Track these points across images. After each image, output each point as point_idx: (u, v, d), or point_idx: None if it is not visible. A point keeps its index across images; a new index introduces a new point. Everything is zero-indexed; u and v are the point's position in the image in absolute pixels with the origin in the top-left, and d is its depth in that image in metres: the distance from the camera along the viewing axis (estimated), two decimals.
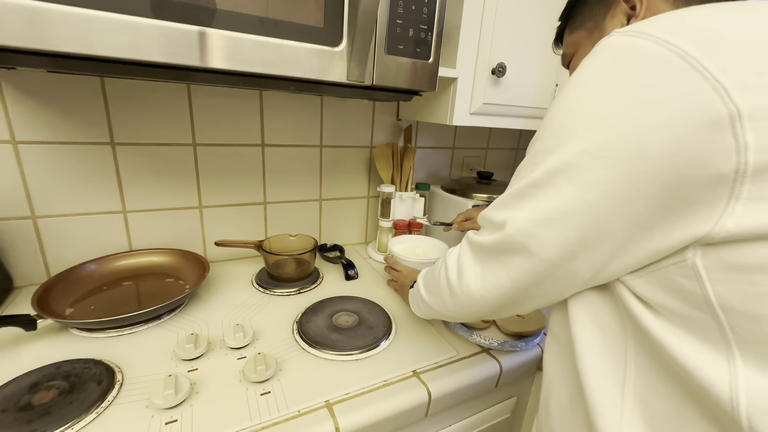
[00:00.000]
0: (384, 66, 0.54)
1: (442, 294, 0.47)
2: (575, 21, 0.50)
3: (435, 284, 0.49)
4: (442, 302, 0.47)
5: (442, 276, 0.46)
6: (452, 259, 0.45)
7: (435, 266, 0.52)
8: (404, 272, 0.73)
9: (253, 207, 0.90)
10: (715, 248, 0.27)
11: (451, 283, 0.44)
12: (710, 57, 0.26)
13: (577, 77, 0.33)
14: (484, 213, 0.41)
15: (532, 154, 0.36)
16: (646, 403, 0.31)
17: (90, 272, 0.71)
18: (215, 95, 0.78)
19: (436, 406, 0.55)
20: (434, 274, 0.50)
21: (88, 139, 0.70)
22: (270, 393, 0.51)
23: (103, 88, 0.69)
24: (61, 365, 0.51)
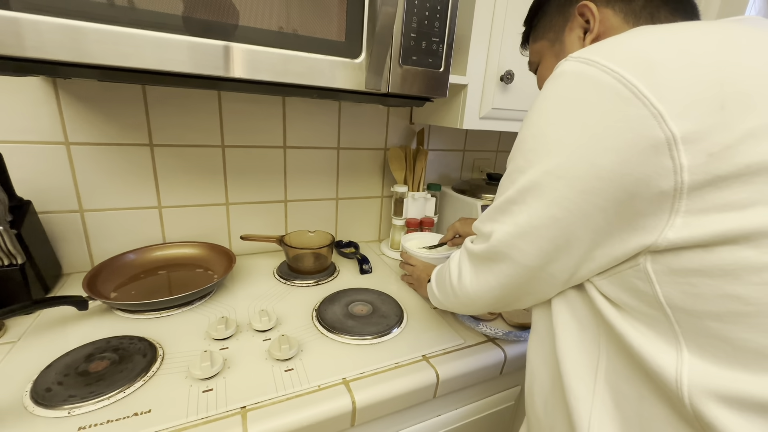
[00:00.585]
0: (398, 75, 0.59)
1: (447, 293, 0.52)
2: (537, 29, 0.53)
3: (443, 283, 0.54)
4: (449, 299, 0.53)
5: (447, 277, 0.52)
6: (454, 263, 0.51)
7: (444, 267, 0.57)
8: (419, 267, 0.78)
9: (275, 204, 0.97)
10: (662, 255, 0.31)
11: (453, 285, 0.50)
12: (647, 84, 0.29)
13: (540, 102, 0.36)
14: (476, 224, 0.46)
15: (508, 172, 0.40)
16: (614, 387, 0.36)
17: (130, 261, 0.78)
18: (243, 101, 0.85)
19: (444, 388, 0.60)
20: (443, 275, 0.56)
21: (130, 140, 0.78)
22: (293, 370, 0.56)
23: (144, 95, 0.77)
24: (111, 340, 0.58)
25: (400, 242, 1.02)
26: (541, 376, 0.43)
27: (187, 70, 0.49)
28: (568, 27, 0.47)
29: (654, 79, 0.29)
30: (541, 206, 0.35)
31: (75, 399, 0.47)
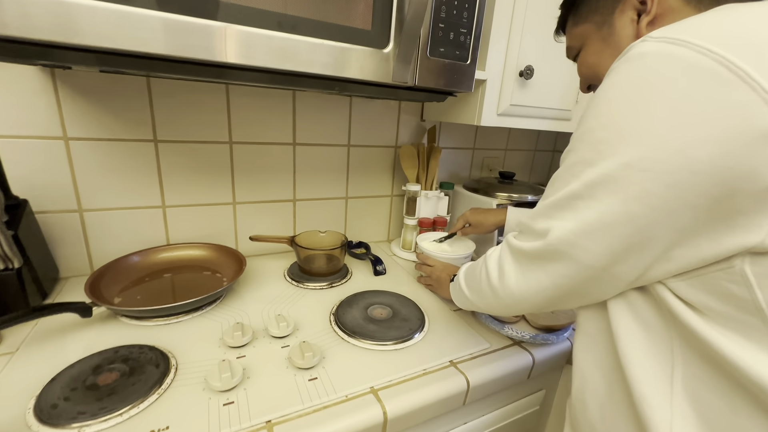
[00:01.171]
0: (426, 68, 0.57)
1: (484, 294, 0.49)
2: (580, 12, 0.49)
3: (476, 284, 0.51)
4: (485, 301, 0.50)
5: (483, 277, 0.48)
6: (493, 261, 0.47)
7: (475, 266, 0.54)
8: (438, 267, 0.75)
9: (283, 204, 0.93)
10: (765, 257, 0.28)
11: (493, 285, 0.46)
12: (755, 66, 0.26)
13: (611, 88, 0.33)
14: (524, 220, 0.43)
15: (568, 165, 0.37)
16: (697, 397, 0.32)
17: (134, 264, 0.74)
18: (251, 95, 0.81)
19: (474, 395, 0.57)
20: (475, 274, 0.52)
21: (133, 136, 0.73)
22: (317, 379, 0.53)
23: (148, 88, 0.72)
24: (119, 350, 0.54)
25: (412, 242, 0.99)
26: (595, 382, 0.41)
27: (202, 57, 0.45)
28: (618, 8, 0.44)
29: (760, 62, 0.26)
30: (616, 202, 0.32)
31: (85, 416, 0.43)
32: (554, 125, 0.92)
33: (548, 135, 1.32)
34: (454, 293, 0.61)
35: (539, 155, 1.34)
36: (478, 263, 0.53)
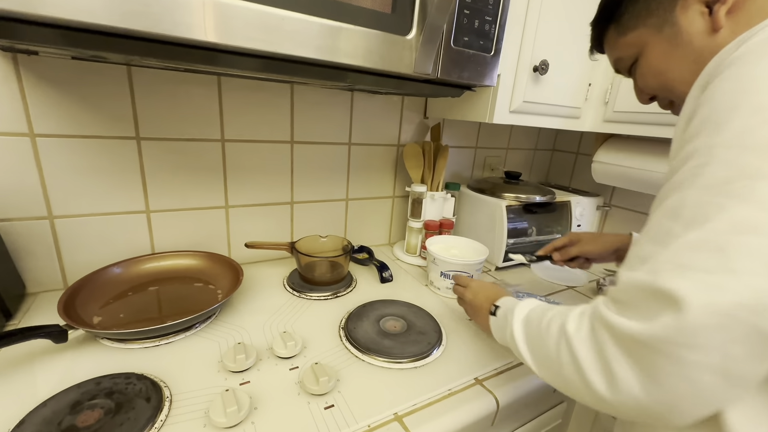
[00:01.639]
0: (449, 58, 0.51)
1: (568, 381, 0.34)
2: (624, 21, 0.46)
3: (545, 354, 0.38)
4: (563, 382, 0.35)
5: (564, 354, 0.34)
6: (582, 342, 0.32)
7: (539, 322, 0.40)
8: (473, 287, 0.61)
9: (280, 207, 0.86)
10: None
11: (590, 381, 0.31)
12: None
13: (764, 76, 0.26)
14: (631, 280, 0.29)
15: (713, 183, 0.26)
16: None
17: (114, 277, 0.66)
18: (245, 88, 0.74)
19: (503, 415, 0.53)
20: (542, 337, 0.38)
21: (113, 133, 0.65)
22: (334, 406, 0.47)
23: (129, 79, 0.64)
24: (101, 381, 0.46)
25: (417, 246, 0.94)
26: None
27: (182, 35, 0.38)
28: (679, 5, 0.40)
29: None
30: None
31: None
32: (564, 123, 0.89)
33: (548, 134, 1.30)
34: (498, 331, 0.50)
35: (539, 154, 1.32)
36: (542, 316, 0.40)
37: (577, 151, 1.26)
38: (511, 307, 0.48)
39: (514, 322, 0.45)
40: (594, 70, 0.87)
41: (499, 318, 0.50)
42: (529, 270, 0.95)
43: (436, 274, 0.78)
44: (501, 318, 0.50)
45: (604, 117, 0.90)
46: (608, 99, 0.89)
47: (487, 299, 0.56)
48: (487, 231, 0.94)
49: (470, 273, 0.76)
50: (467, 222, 1.01)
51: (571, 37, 0.79)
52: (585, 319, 0.33)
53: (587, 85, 0.88)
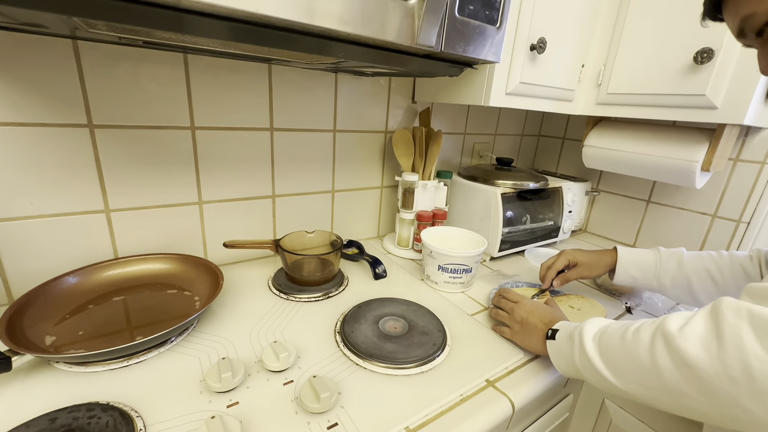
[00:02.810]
0: (454, 29, 0.46)
1: (667, 383, 0.32)
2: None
3: (634, 365, 0.36)
4: (663, 390, 0.33)
5: (662, 357, 0.32)
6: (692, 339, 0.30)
7: (622, 336, 0.38)
8: (526, 305, 0.57)
9: (261, 201, 0.78)
10: None
11: (704, 373, 0.30)
12: None
13: None
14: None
15: None
16: None
17: (70, 287, 0.57)
18: (217, 68, 0.65)
19: (517, 417, 0.50)
20: (628, 349, 0.37)
21: (59, 120, 0.55)
22: (338, 425, 0.42)
23: (76, 56, 0.54)
24: (57, 416, 0.39)
25: (409, 239, 0.89)
26: None
27: None
28: None
29: None
30: None
31: None
32: (557, 106, 0.86)
33: (534, 119, 1.28)
34: (559, 357, 0.47)
35: (526, 140, 1.29)
36: (623, 330, 0.39)
37: (563, 136, 1.25)
38: (576, 328, 0.45)
39: (585, 340, 0.42)
40: (588, 49, 0.84)
41: (560, 341, 0.47)
42: (524, 259, 0.93)
43: (434, 268, 0.73)
44: (564, 340, 0.47)
45: (597, 99, 0.88)
46: (601, 81, 0.86)
47: (543, 321, 0.53)
48: (481, 220, 0.90)
49: (470, 265, 0.72)
50: (460, 211, 0.97)
51: (568, 14, 0.75)
52: (697, 316, 0.31)
53: (581, 66, 0.85)
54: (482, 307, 0.69)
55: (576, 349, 0.43)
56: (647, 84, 0.79)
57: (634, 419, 0.62)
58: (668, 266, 0.64)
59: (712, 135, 0.79)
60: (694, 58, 0.70)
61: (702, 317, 0.32)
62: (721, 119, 0.71)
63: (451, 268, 0.71)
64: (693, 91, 0.72)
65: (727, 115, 0.70)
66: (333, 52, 0.44)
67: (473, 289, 0.76)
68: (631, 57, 0.80)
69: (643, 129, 0.91)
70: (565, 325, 0.49)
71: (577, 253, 0.71)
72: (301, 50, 0.43)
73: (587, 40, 0.82)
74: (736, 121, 0.69)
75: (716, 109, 0.70)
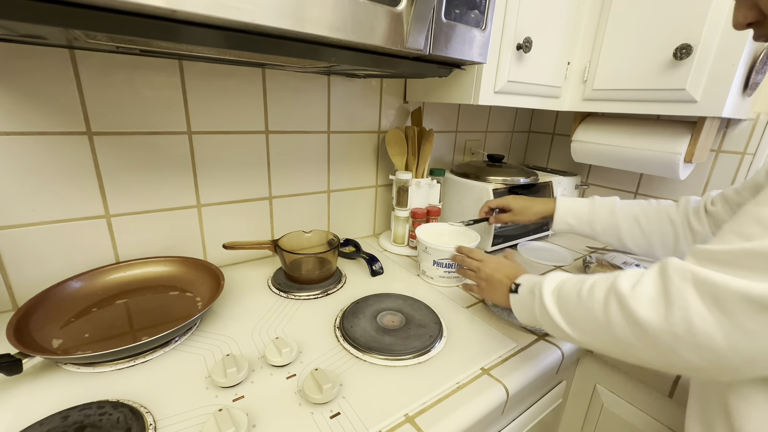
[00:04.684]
0: (442, 32, 0.48)
1: (617, 336, 0.35)
2: None
3: (590, 320, 0.38)
4: (614, 343, 0.36)
5: (615, 314, 0.35)
6: (643, 299, 0.33)
7: (578, 293, 0.40)
8: (490, 263, 0.59)
9: (258, 203, 0.80)
10: None
11: (652, 330, 0.32)
12: None
13: None
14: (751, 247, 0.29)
15: None
16: None
17: (74, 291, 0.58)
18: (212, 74, 0.67)
19: (512, 402, 0.52)
20: (584, 306, 0.39)
21: (58, 128, 0.57)
22: (340, 414, 0.44)
23: (74, 64, 0.56)
24: (69, 414, 0.40)
25: (404, 236, 0.91)
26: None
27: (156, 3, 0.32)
28: None
29: None
30: None
31: None
32: (545, 103, 0.88)
33: (524, 115, 1.30)
34: (522, 310, 0.50)
35: (516, 137, 1.32)
36: (578, 287, 0.40)
37: (553, 132, 1.28)
38: (537, 282, 0.48)
39: (544, 294, 0.45)
40: (573, 47, 0.86)
41: (523, 295, 0.50)
42: (517, 253, 0.95)
43: (429, 264, 0.75)
44: (526, 294, 0.49)
45: (583, 95, 0.90)
46: (587, 77, 0.89)
47: (507, 276, 0.55)
48: (474, 216, 0.93)
49: None
50: (453, 208, 0.99)
51: (553, 13, 0.78)
52: (646, 277, 0.34)
53: (566, 63, 0.87)
54: (477, 299, 0.71)
55: (537, 303, 0.46)
56: (631, 79, 0.81)
57: (625, 403, 0.65)
58: (601, 214, 0.69)
59: (693, 128, 0.82)
60: (673, 54, 0.73)
61: (651, 278, 0.34)
62: (701, 112, 0.73)
63: (446, 262, 0.73)
64: (674, 85, 0.75)
65: (706, 108, 0.73)
66: (325, 57, 0.46)
67: None
68: (614, 54, 0.83)
69: (628, 123, 0.94)
70: (527, 280, 0.51)
71: (514, 199, 0.78)
72: (294, 56, 0.44)
73: (572, 38, 0.85)
74: (715, 113, 0.72)
75: (696, 103, 0.73)
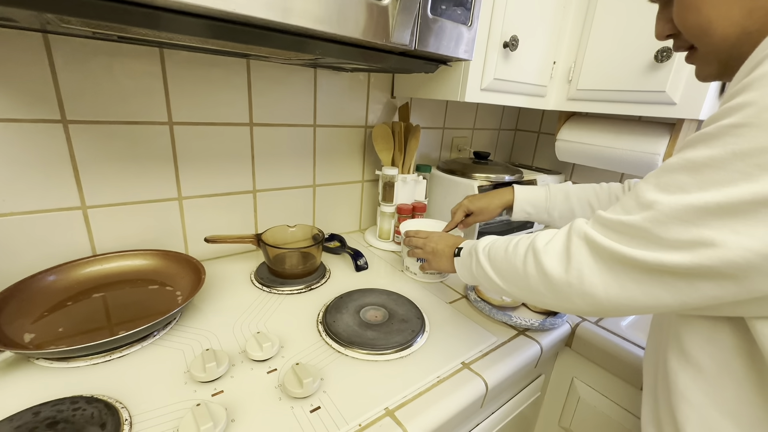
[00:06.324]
0: (427, 28, 0.48)
1: (532, 287, 0.40)
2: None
3: (513, 272, 0.43)
4: (532, 294, 0.41)
5: (531, 268, 0.40)
6: (551, 254, 0.38)
7: (504, 248, 0.46)
8: (433, 237, 0.66)
9: (241, 196, 0.79)
10: None
11: (555, 281, 0.37)
12: None
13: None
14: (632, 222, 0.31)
15: (740, 150, 0.25)
16: None
17: (48, 285, 0.56)
18: (194, 63, 0.65)
19: (491, 395, 0.53)
20: (509, 259, 0.44)
21: (31, 115, 0.55)
22: (320, 408, 0.44)
23: (48, 50, 0.53)
24: (40, 410, 0.39)
25: (390, 231, 0.92)
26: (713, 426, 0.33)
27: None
28: None
29: None
30: None
31: None
32: (530, 102, 0.89)
33: (511, 114, 1.31)
34: (463, 269, 0.55)
35: (503, 134, 1.33)
36: (506, 244, 0.46)
37: (538, 131, 1.29)
38: (474, 244, 0.53)
39: (479, 253, 0.50)
40: (559, 47, 0.87)
41: (464, 257, 0.55)
42: None
43: (412, 259, 0.76)
44: (465, 256, 0.54)
45: (568, 95, 0.91)
46: (572, 77, 0.90)
47: (448, 246, 0.61)
48: None
49: None
50: (439, 204, 1.00)
51: (539, 13, 0.78)
52: (558, 235, 0.39)
53: (552, 63, 0.88)
54: (460, 295, 0.72)
55: (473, 261, 0.51)
56: (614, 80, 0.83)
57: (600, 396, 0.67)
58: (556, 200, 0.71)
59: (672, 129, 0.84)
60: (655, 57, 0.74)
61: (561, 236, 0.39)
62: (679, 114, 0.75)
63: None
64: (654, 87, 0.76)
65: (684, 110, 0.74)
66: (310, 49, 0.45)
67: (451, 278, 0.79)
68: (599, 54, 0.84)
69: (611, 123, 0.96)
70: (467, 243, 0.56)
71: (473, 200, 0.77)
72: (278, 48, 0.44)
73: (558, 38, 0.86)
74: (693, 116, 0.74)
75: (675, 105, 0.75)
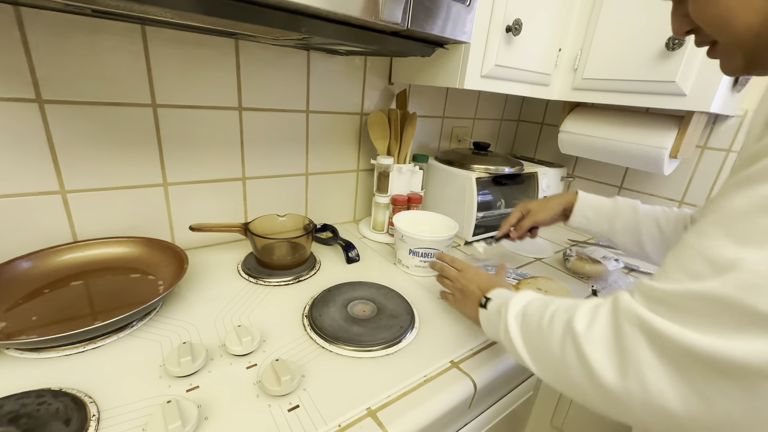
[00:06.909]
0: (421, 6, 0.44)
1: (572, 378, 0.32)
2: None
3: (548, 354, 0.35)
4: (569, 385, 0.33)
5: (571, 356, 0.32)
6: (597, 344, 0.30)
7: (540, 318, 0.38)
8: (469, 273, 0.57)
9: (230, 183, 0.76)
10: None
11: (607, 385, 0.29)
12: None
13: None
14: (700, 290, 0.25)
15: None
16: None
17: (23, 272, 0.54)
18: (179, 42, 0.62)
19: (480, 396, 0.51)
20: (543, 336, 0.36)
21: (3, 94, 0.52)
22: (299, 407, 0.42)
23: (19, 22, 0.50)
24: (3, 404, 0.37)
25: (384, 223, 0.89)
26: None
27: None
28: None
29: None
30: None
31: None
32: (534, 91, 0.85)
33: (514, 104, 1.27)
34: (489, 326, 0.47)
35: (505, 125, 1.29)
36: (541, 311, 0.38)
37: (542, 122, 1.25)
38: (504, 301, 0.45)
39: (508, 317, 0.42)
40: (565, 33, 0.83)
41: (491, 312, 0.47)
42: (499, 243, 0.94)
43: (405, 252, 0.73)
44: (493, 312, 0.47)
45: (573, 84, 0.88)
46: (577, 65, 0.86)
47: (480, 288, 0.52)
48: (456, 204, 0.91)
49: (440, 249, 0.72)
50: (436, 195, 0.97)
51: None
52: (601, 316, 0.31)
53: (557, 50, 0.84)
54: None
55: (501, 324, 0.43)
56: (622, 70, 0.79)
57: None
58: (623, 210, 0.65)
59: (681, 122, 0.81)
60: (666, 44, 0.70)
61: (605, 319, 0.31)
62: (689, 106, 0.72)
63: (422, 252, 0.71)
64: (664, 77, 0.72)
65: (695, 102, 0.71)
66: (294, 26, 0.42)
67: None
68: (607, 42, 0.80)
69: (617, 115, 0.92)
70: (498, 295, 0.48)
71: (529, 203, 0.73)
72: (261, 23, 0.41)
73: (564, 23, 0.82)
74: (703, 108, 0.70)
75: (685, 96, 0.71)
